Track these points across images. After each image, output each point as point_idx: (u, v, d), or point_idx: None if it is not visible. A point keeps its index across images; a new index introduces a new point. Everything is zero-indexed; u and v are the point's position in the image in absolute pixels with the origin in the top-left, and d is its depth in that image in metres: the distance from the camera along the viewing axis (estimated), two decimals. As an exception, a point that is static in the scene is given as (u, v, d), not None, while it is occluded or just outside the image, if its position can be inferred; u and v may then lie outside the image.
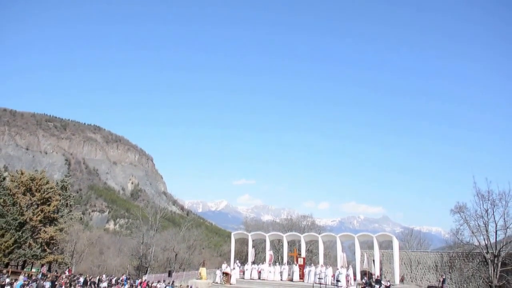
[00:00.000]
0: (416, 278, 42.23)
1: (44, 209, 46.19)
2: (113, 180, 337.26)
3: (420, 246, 66.06)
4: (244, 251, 55.61)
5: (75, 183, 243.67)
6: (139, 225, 74.91)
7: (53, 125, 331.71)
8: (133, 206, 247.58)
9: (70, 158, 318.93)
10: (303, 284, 34.50)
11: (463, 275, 38.04)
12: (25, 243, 45.17)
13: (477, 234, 31.33)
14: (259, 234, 44.90)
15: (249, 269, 38.77)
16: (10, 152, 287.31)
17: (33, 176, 47.71)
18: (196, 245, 73.96)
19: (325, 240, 42.99)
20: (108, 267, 73.38)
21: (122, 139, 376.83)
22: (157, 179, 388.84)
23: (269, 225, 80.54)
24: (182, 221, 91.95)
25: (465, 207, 32.46)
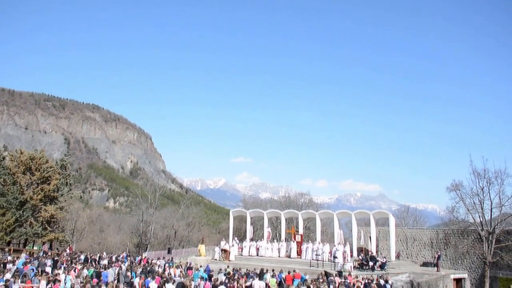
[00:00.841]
0: (411, 255, 42.83)
1: (44, 188, 46.46)
2: (112, 158, 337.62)
3: (416, 223, 66.73)
4: (242, 228, 56.18)
5: (74, 162, 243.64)
6: (138, 203, 75.34)
7: (51, 105, 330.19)
8: (132, 184, 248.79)
9: (69, 137, 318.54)
10: (301, 261, 34.93)
11: (458, 251, 38.58)
12: (26, 221, 45.57)
13: (473, 212, 31.69)
14: (257, 212, 45.29)
15: (248, 246, 39.21)
16: (10, 132, 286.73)
17: (32, 155, 47.82)
18: (195, 222, 74.51)
19: (322, 217, 43.42)
20: (108, 245, 74.04)
21: (121, 118, 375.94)
22: (156, 158, 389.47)
23: (267, 203, 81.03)
24: (181, 199, 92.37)
25: (461, 185, 32.72)
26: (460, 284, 34.65)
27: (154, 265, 28.26)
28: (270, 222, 49.67)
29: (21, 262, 23.95)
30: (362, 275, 27.29)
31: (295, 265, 31.93)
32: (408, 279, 30.35)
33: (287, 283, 23.69)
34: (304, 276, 24.69)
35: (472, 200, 31.39)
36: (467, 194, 31.81)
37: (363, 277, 25.74)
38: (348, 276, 25.64)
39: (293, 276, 24.26)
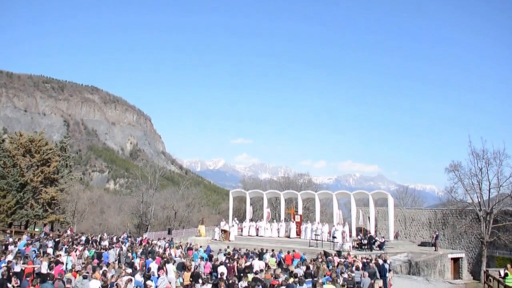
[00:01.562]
0: (410, 235, 43.19)
1: (44, 170, 46.57)
2: (112, 140, 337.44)
3: (414, 204, 67.08)
4: (242, 208, 56.47)
5: (74, 144, 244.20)
6: (138, 184, 75.60)
7: (50, 87, 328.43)
8: (132, 165, 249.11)
9: (68, 119, 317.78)
10: (300, 241, 35.21)
11: (455, 231, 38.89)
12: (27, 203, 45.81)
13: (471, 192, 31.82)
14: (256, 192, 45.47)
15: (247, 226, 39.47)
16: (9, 114, 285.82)
17: (32, 137, 47.82)
18: (195, 203, 74.85)
19: (321, 197, 43.63)
20: (109, 226, 74.45)
21: (120, 100, 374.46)
22: (156, 139, 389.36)
23: (267, 183, 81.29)
24: (181, 180, 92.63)
25: (460, 165, 32.80)
26: (458, 263, 34.98)
27: (154, 245, 28.42)
28: (269, 203, 49.90)
29: (22, 243, 24.10)
30: (361, 254, 27.53)
31: (294, 245, 32.21)
32: (406, 258, 30.67)
33: (287, 263, 23.85)
34: (303, 256, 24.89)
35: (470, 180, 31.52)
36: (465, 175, 31.93)
37: (361, 256, 25.98)
38: (347, 255, 25.87)
39: (292, 256, 24.44)
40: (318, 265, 20.33)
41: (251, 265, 21.11)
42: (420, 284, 24.80)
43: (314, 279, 17.24)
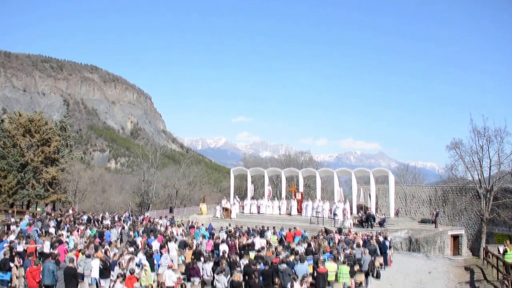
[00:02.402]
0: (410, 212, 43.39)
1: (45, 149, 46.57)
2: (112, 119, 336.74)
3: (415, 181, 67.23)
4: (243, 186, 56.62)
5: (74, 123, 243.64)
6: (139, 163, 75.55)
7: (49, 66, 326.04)
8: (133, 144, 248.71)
9: (68, 98, 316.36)
10: (301, 218, 35.41)
11: (455, 208, 39.05)
12: (28, 183, 45.94)
13: (471, 170, 31.73)
14: (257, 170, 45.53)
15: (248, 204, 39.66)
16: (8, 94, 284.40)
17: (31, 117, 47.67)
18: (196, 181, 74.94)
19: (322, 175, 43.71)
20: (111, 205, 74.66)
21: (120, 79, 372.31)
22: (156, 118, 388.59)
23: (268, 161, 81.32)
24: (182, 158, 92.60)
25: (461, 143, 32.61)
26: (457, 240, 35.24)
27: (156, 224, 28.57)
28: (270, 181, 50.02)
29: (24, 223, 24.21)
30: (362, 231, 27.69)
31: (295, 222, 32.38)
32: (406, 235, 30.86)
33: (288, 240, 24.02)
34: (305, 233, 25.04)
35: (471, 158, 31.39)
36: (466, 152, 31.79)
37: (362, 233, 26.13)
38: (348, 233, 26.02)
39: (293, 233, 24.60)
40: (319, 242, 20.46)
41: (252, 243, 21.24)
42: (420, 260, 25.00)
43: (315, 256, 17.36)
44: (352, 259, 17.23)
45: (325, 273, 14.44)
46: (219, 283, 13.99)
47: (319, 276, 14.43)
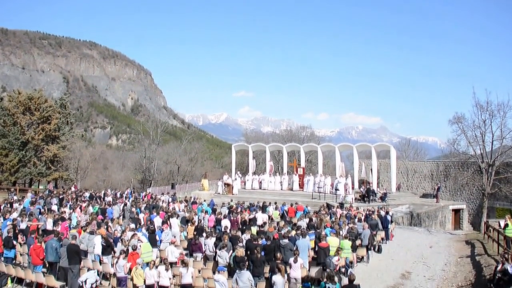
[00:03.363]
0: (412, 186, 43.50)
1: (45, 127, 46.48)
2: (112, 96, 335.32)
3: (416, 156, 67.23)
4: (245, 162, 56.68)
5: (75, 101, 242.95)
6: (141, 140, 75.72)
7: (47, 43, 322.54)
8: (134, 121, 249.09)
9: (68, 75, 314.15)
10: (303, 193, 35.44)
11: (457, 183, 39.10)
12: (30, 161, 46.01)
13: (474, 144, 31.58)
14: (259, 146, 45.44)
15: (250, 179, 39.66)
16: (7, 72, 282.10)
17: (31, 95, 47.42)
18: (198, 157, 75.09)
19: (324, 150, 43.61)
20: (112, 182, 74.92)
21: (119, 55, 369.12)
22: (157, 94, 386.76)
23: (269, 137, 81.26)
24: (183, 135, 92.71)
25: (463, 117, 32.37)
26: (458, 214, 35.39)
27: (158, 200, 28.69)
28: (272, 156, 49.99)
29: (27, 201, 24.32)
30: (363, 206, 27.77)
31: (297, 197, 32.44)
32: (408, 210, 30.97)
33: (290, 215, 24.11)
34: (306, 208, 25.12)
35: (473, 132, 31.20)
36: (468, 127, 31.59)
37: (363, 208, 26.20)
38: (349, 207, 26.08)
39: (295, 209, 24.66)
40: (321, 217, 20.51)
41: (254, 218, 21.31)
42: (421, 235, 25.12)
43: (317, 231, 17.42)
44: (353, 234, 17.30)
45: (327, 248, 14.49)
46: (221, 259, 14.07)
47: (320, 250, 14.50)
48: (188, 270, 12.23)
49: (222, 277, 11.67)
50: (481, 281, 13.97)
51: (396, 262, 17.75)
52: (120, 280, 12.87)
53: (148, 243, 15.09)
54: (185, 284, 12.16)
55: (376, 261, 17.98)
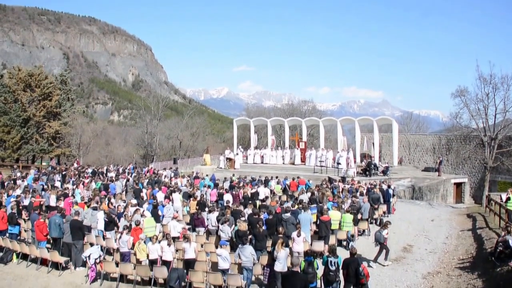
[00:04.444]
0: (414, 160, 43.48)
1: (46, 104, 46.37)
2: (113, 72, 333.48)
3: (418, 129, 67.08)
4: (246, 136, 56.68)
5: (75, 77, 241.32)
6: (142, 115, 75.56)
7: (46, 19, 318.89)
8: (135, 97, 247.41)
9: (68, 52, 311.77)
10: (305, 167, 35.47)
11: (459, 157, 39.00)
12: (32, 138, 46.10)
13: (476, 118, 31.33)
14: (260, 120, 45.31)
15: (252, 154, 39.69)
16: (6, 49, 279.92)
17: (31, 72, 47.14)
18: (200, 132, 75.04)
19: (325, 124, 43.49)
20: (115, 157, 75.13)
21: (119, 30, 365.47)
22: (158, 69, 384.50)
23: (271, 111, 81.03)
24: (185, 110, 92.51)
25: (466, 91, 32.03)
26: (460, 188, 35.45)
27: (160, 175, 28.79)
28: (274, 130, 49.91)
29: (30, 178, 24.39)
30: (365, 180, 27.82)
31: (299, 171, 32.48)
32: (410, 183, 31.03)
33: (292, 189, 24.18)
34: (308, 182, 25.17)
35: (476, 106, 30.93)
36: (471, 100, 31.30)
37: (366, 182, 26.24)
38: (351, 181, 26.13)
39: (297, 183, 24.71)
40: (323, 191, 20.54)
41: (256, 192, 21.39)
42: (423, 208, 25.22)
43: (319, 205, 17.47)
44: (355, 208, 17.35)
45: (328, 221, 14.57)
46: (223, 233, 14.16)
47: (322, 224, 14.57)
48: (191, 244, 12.31)
49: (225, 251, 11.75)
50: (482, 254, 14.06)
51: (397, 236, 17.85)
52: (123, 255, 12.99)
53: (151, 218, 15.21)
54: (188, 258, 12.25)
55: (378, 234, 18.08)
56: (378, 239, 13.85)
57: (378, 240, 13.87)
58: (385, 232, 13.84)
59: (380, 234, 13.78)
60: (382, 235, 13.73)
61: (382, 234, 13.74)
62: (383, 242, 13.83)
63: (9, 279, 12.67)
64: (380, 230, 13.97)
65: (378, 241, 13.90)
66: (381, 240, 13.78)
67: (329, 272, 10.13)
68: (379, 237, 13.79)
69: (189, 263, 12.17)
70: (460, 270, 13.18)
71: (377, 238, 13.89)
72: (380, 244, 13.95)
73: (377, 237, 13.87)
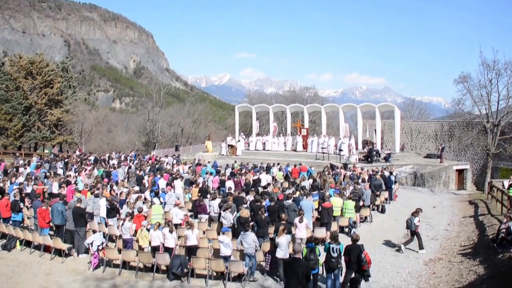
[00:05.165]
0: (416, 147, 43.41)
1: (48, 91, 46.32)
2: (114, 59, 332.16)
3: (421, 116, 66.90)
4: (248, 123, 56.62)
5: (77, 64, 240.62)
6: (144, 103, 75.66)
7: (47, 6, 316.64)
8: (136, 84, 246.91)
9: (69, 39, 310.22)
10: (307, 154, 35.48)
11: (461, 143, 38.93)
12: (34, 126, 46.14)
13: (479, 104, 31.25)
14: (262, 107, 45.20)
15: (254, 140, 39.68)
16: (7, 37, 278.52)
17: (32, 59, 46.99)
18: (201, 119, 75.09)
19: (327, 111, 43.41)
20: (117, 145, 75.27)
21: (120, 17, 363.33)
22: (159, 56, 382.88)
23: (272, 98, 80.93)
24: (186, 97, 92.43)
25: (469, 77, 31.88)
26: (462, 174, 35.42)
27: (162, 162, 28.81)
28: (275, 117, 49.85)
29: (33, 165, 24.47)
30: (367, 167, 27.80)
31: (301, 158, 32.49)
32: (412, 170, 31.01)
33: (294, 176, 24.20)
34: (310, 169, 25.17)
35: (479, 92, 30.82)
36: (474, 86, 31.18)
37: (368, 169, 26.23)
38: (353, 168, 26.12)
39: (299, 169, 24.72)
40: (325, 178, 20.54)
41: (258, 179, 21.40)
42: (425, 195, 25.22)
43: (321, 192, 17.48)
44: (357, 194, 17.34)
45: (330, 208, 14.57)
46: (225, 220, 14.18)
47: (323, 211, 14.58)
48: (193, 231, 12.34)
49: (227, 238, 11.78)
50: (484, 241, 14.07)
51: (399, 222, 17.86)
52: (126, 242, 13.04)
53: (160, 205, 15.28)
54: (190, 245, 12.29)
55: (380, 221, 18.13)
56: (409, 227, 13.90)
57: (409, 228, 13.93)
58: (416, 219, 13.81)
59: (411, 222, 13.81)
60: (413, 223, 13.75)
61: (414, 222, 13.75)
62: (414, 230, 13.86)
63: (12, 265, 12.74)
64: (411, 218, 13.93)
65: (409, 229, 13.97)
66: (412, 228, 13.81)
67: (330, 258, 10.15)
68: (410, 225, 13.84)
69: (191, 250, 12.21)
70: (462, 256, 13.20)
71: (408, 225, 13.95)
72: (412, 232, 13.99)
73: (408, 224, 13.91)
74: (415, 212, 14.07)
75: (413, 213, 14.12)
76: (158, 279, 11.86)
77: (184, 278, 11.67)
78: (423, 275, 12.09)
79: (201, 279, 11.78)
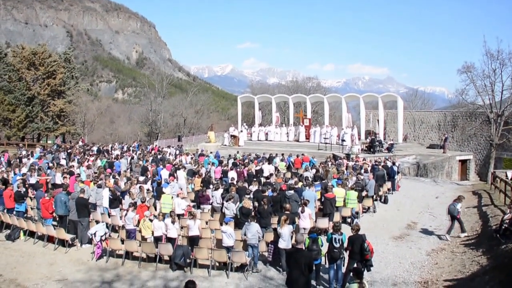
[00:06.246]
0: (419, 137, 43.27)
1: (50, 82, 46.31)
2: (117, 49, 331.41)
3: (424, 106, 66.53)
4: (251, 114, 56.51)
5: (79, 55, 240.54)
6: (146, 93, 75.54)
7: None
8: (139, 74, 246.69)
9: (71, 30, 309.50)
10: (309, 144, 35.43)
11: (465, 133, 38.73)
12: (37, 117, 46.22)
13: (483, 94, 30.99)
14: (265, 97, 45.09)
15: (256, 131, 39.63)
16: (10, 27, 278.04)
17: (34, 50, 46.90)
18: (204, 109, 74.97)
19: (330, 101, 43.24)
20: (119, 135, 75.33)
21: (122, 7, 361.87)
22: (161, 46, 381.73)
23: (275, 88, 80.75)
24: (189, 87, 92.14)
25: (473, 67, 31.63)
26: (465, 165, 35.27)
27: (165, 153, 28.83)
28: (278, 107, 49.71)
29: (36, 156, 24.51)
30: (370, 157, 27.75)
31: (303, 148, 32.45)
32: (414, 160, 30.93)
33: (296, 167, 24.20)
34: (313, 159, 25.15)
35: (483, 82, 30.58)
36: (478, 76, 30.94)
37: (370, 159, 26.18)
38: (356, 158, 26.09)
39: (301, 160, 24.71)
40: (328, 168, 20.54)
41: (261, 169, 21.40)
42: (428, 185, 25.19)
43: (323, 182, 17.46)
44: (360, 185, 17.33)
45: (333, 199, 14.57)
46: (228, 210, 14.21)
47: (326, 201, 14.58)
48: (196, 222, 12.37)
49: (229, 228, 11.81)
50: (487, 231, 14.08)
51: (402, 213, 17.89)
52: (129, 232, 13.09)
53: (169, 194, 15.32)
54: (193, 235, 12.32)
55: (382, 211, 18.13)
56: (452, 212, 14.18)
57: (451, 214, 14.20)
58: (459, 205, 14.15)
59: (454, 208, 14.11)
60: (456, 209, 14.06)
61: (456, 208, 14.05)
62: (456, 216, 14.13)
63: (16, 255, 12.81)
64: (454, 204, 14.27)
65: (451, 215, 14.22)
66: (454, 214, 14.10)
67: (333, 249, 10.17)
68: (453, 211, 14.12)
69: (194, 240, 12.24)
70: (465, 247, 13.21)
71: (451, 211, 14.21)
72: (453, 217, 14.23)
73: (451, 210, 14.18)
74: (457, 199, 14.44)
75: (456, 200, 14.46)
76: (161, 269, 11.91)
77: (186, 268, 11.73)
78: (426, 265, 12.11)
79: (204, 269, 11.83)
